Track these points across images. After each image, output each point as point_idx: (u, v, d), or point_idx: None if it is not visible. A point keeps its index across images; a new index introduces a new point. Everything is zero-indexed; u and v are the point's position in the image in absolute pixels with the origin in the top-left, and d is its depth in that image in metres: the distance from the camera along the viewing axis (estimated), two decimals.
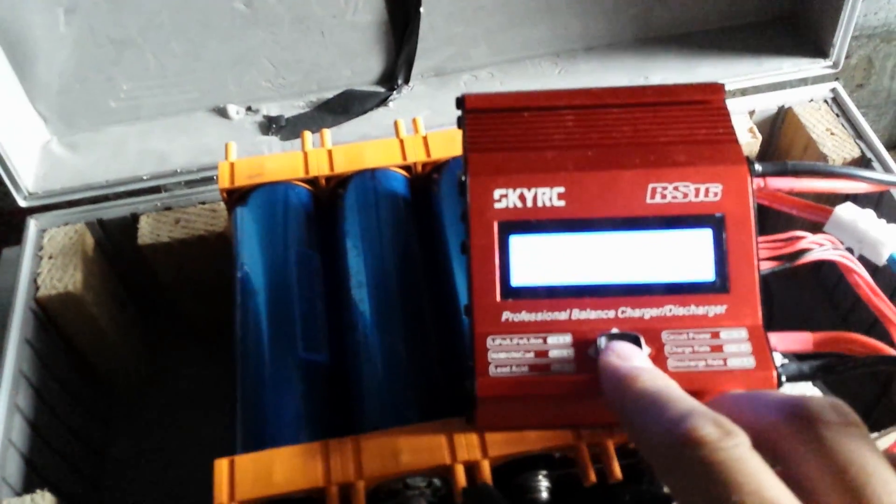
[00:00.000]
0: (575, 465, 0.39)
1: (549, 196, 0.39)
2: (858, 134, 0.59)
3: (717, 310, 0.38)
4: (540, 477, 0.40)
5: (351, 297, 0.46)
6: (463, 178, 0.39)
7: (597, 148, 0.40)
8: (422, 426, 0.40)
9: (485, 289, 0.38)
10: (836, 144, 0.59)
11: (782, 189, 0.43)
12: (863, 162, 0.58)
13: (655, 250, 0.39)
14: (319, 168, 0.51)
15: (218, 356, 0.50)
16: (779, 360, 0.41)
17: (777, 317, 0.49)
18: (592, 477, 0.38)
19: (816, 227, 0.45)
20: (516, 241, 0.39)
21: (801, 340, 0.39)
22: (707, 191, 0.39)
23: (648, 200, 0.39)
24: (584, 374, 0.37)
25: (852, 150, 0.58)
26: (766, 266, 0.43)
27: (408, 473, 0.38)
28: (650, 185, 0.39)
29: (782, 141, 0.64)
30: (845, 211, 0.45)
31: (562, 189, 0.39)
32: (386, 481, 0.38)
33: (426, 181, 0.53)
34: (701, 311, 0.38)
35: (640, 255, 0.39)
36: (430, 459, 0.38)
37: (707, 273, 0.38)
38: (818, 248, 0.43)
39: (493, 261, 0.38)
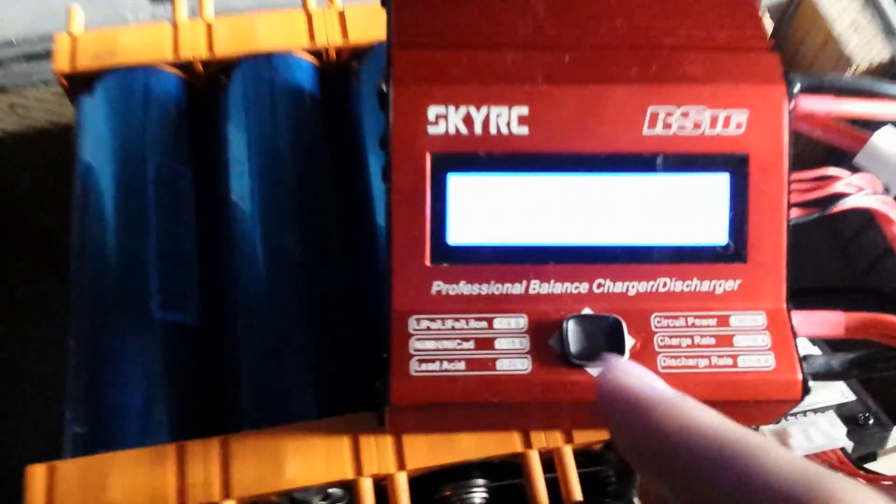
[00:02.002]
0: (520, 475, 0.30)
1: (506, 119, 0.28)
2: (891, 30, 0.48)
3: (729, 285, 0.28)
4: (474, 490, 0.31)
5: (232, 234, 0.35)
6: (384, 88, 0.28)
7: (576, 50, 0.29)
8: (319, 424, 0.30)
9: (408, 248, 0.28)
10: (862, 43, 0.48)
11: (817, 112, 0.32)
12: (892, 69, 0.48)
13: (649, 201, 0.28)
14: (194, 48, 0.39)
15: None
16: (803, 349, 0.33)
17: None
18: (543, 496, 0.29)
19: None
20: (457, 182, 0.28)
21: (830, 323, 0.30)
22: (727, 120, 0.28)
23: (646, 131, 0.28)
24: (542, 373, 0.27)
25: (881, 52, 0.48)
26: (792, 214, 0.33)
27: (294, 491, 0.29)
28: (649, 109, 0.28)
29: (793, 35, 0.53)
30: (885, 138, 0.35)
31: (525, 109, 0.28)
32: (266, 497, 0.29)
33: (342, 73, 0.41)
34: (706, 286, 0.28)
35: (628, 208, 0.28)
36: (326, 472, 0.29)
37: (718, 235, 0.28)
38: (856, 192, 0.34)
39: (422, 208, 0.28)
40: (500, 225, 0.28)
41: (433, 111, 0.28)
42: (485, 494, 0.31)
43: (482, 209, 0.28)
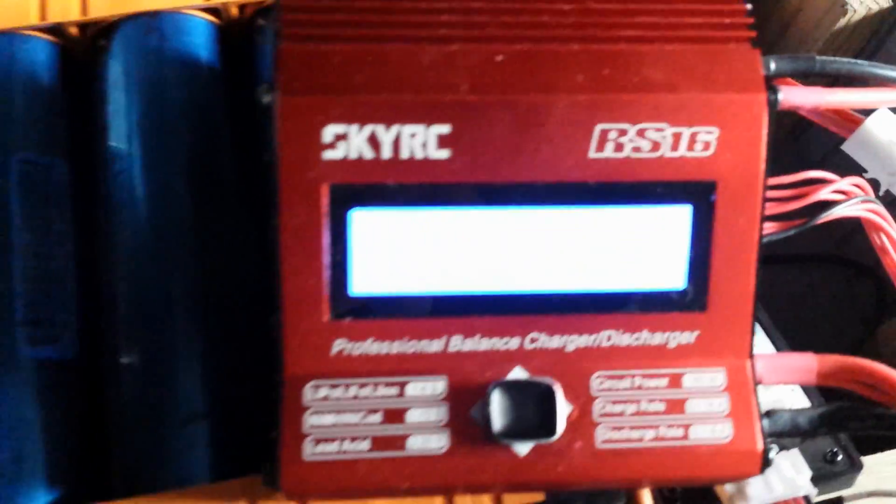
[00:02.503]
0: None
1: (422, 140, 0.22)
2: None
3: (685, 338, 0.24)
4: None
5: (114, 244, 0.30)
6: (266, 98, 0.22)
7: (512, 44, 0.23)
8: (210, 489, 0.26)
9: (303, 300, 0.23)
10: None
11: (804, 106, 0.27)
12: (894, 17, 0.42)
13: (595, 239, 0.24)
14: (65, 9, 0.32)
15: None
16: (765, 402, 0.29)
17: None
18: None
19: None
20: (361, 220, 0.23)
21: (800, 370, 0.26)
22: (693, 139, 0.23)
23: (593, 154, 0.23)
24: (460, 453, 0.23)
25: None
26: (770, 229, 0.29)
27: None
28: (598, 128, 0.23)
29: None
30: (879, 123, 0.31)
31: (445, 128, 0.22)
32: None
33: (246, 32, 0.34)
34: (658, 339, 0.24)
35: (569, 248, 0.24)
36: None
37: (675, 278, 0.24)
38: (843, 199, 0.29)
39: (319, 252, 0.23)
40: (414, 271, 0.23)
41: (330, 131, 0.22)
42: None
43: (393, 252, 0.23)
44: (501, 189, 0.23)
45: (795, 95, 0.26)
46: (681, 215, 0.24)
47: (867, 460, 0.31)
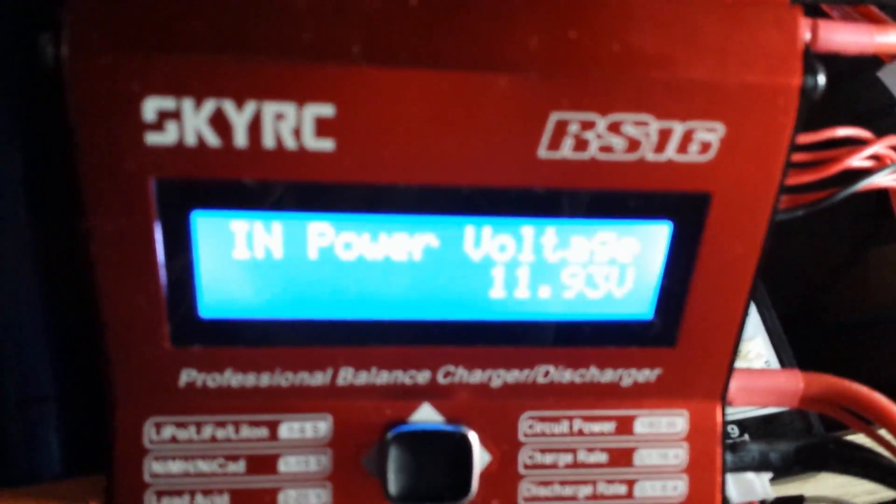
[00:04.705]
0: None
1: (292, 124, 0.15)
2: None
3: (643, 376, 0.19)
4: None
5: None
6: (49, 53, 0.15)
7: None
8: (56, 488, 0.22)
9: (131, 325, 0.17)
10: None
11: (846, 49, 0.20)
12: None
13: (536, 257, 0.17)
14: None
15: None
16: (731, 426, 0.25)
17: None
18: None
19: None
20: (210, 226, 0.16)
21: (781, 392, 0.21)
22: (687, 139, 0.16)
23: (544, 153, 0.16)
24: None
25: None
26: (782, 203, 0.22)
27: None
28: (552, 117, 0.16)
29: None
30: None
31: (329, 109, 0.15)
32: None
33: None
34: (608, 376, 0.19)
35: (501, 266, 0.17)
36: None
37: (639, 306, 0.18)
38: (874, 168, 0.23)
39: (148, 266, 0.17)
40: (287, 287, 0.17)
41: (152, 106, 0.15)
42: None
43: (257, 263, 0.17)
44: (409, 194, 0.16)
45: (836, 36, 0.18)
46: (656, 234, 0.17)
47: None
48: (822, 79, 0.16)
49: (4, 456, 0.23)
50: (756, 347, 0.27)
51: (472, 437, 0.18)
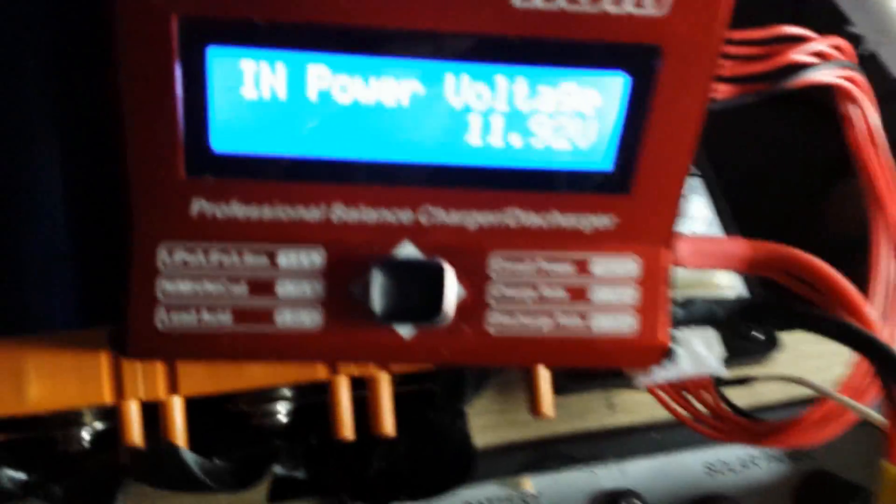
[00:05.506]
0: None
1: None
2: None
3: (602, 222, 0.22)
4: (278, 399, 0.26)
5: None
6: None
7: None
8: (71, 336, 0.24)
9: (154, 153, 0.19)
10: None
11: None
12: None
13: (508, 105, 0.20)
14: None
15: None
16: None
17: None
18: (348, 431, 0.25)
19: None
20: (223, 63, 0.19)
21: (727, 256, 0.24)
22: None
23: (518, 3, 0.18)
24: (336, 331, 0.21)
25: None
26: (727, 92, 0.25)
27: (39, 415, 0.24)
28: None
29: None
30: None
31: None
32: None
33: None
34: (569, 221, 0.21)
35: (477, 113, 0.20)
36: (78, 395, 0.24)
37: (599, 156, 0.21)
38: (816, 63, 0.25)
39: (169, 98, 0.19)
40: (289, 128, 0.20)
41: None
42: (290, 405, 0.27)
43: (264, 103, 0.19)
44: (400, 37, 0.19)
45: None
46: (612, 86, 0.20)
47: (787, 337, 0.31)
48: None
49: (24, 309, 0.25)
50: (699, 209, 0.30)
51: (447, 268, 0.21)
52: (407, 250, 0.21)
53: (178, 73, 0.19)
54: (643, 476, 0.31)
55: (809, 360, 0.30)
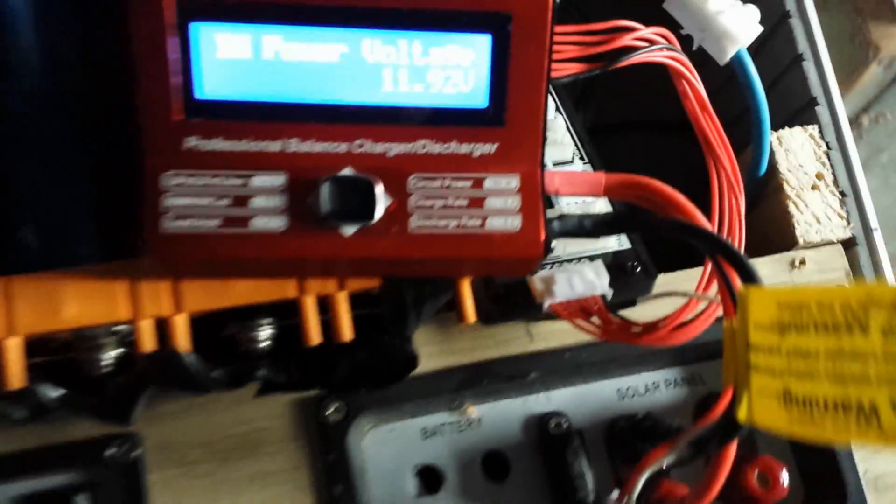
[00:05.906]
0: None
1: None
2: None
3: (486, 149, 0.29)
4: (260, 328, 0.33)
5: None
6: None
7: None
8: (98, 268, 0.31)
9: (157, 101, 0.28)
10: None
11: None
12: None
13: (411, 61, 0.28)
14: None
15: None
16: (557, 210, 0.35)
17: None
18: (316, 337, 0.32)
19: None
20: (204, 33, 0.27)
21: (590, 183, 0.32)
22: None
23: None
24: (295, 232, 0.28)
25: None
26: (574, 69, 0.34)
27: (75, 330, 0.31)
28: None
29: None
30: None
31: None
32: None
33: None
34: (464, 149, 0.29)
35: (390, 67, 0.28)
36: (104, 313, 0.31)
37: (478, 97, 0.29)
38: (647, 47, 0.34)
39: (164, 60, 0.27)
40: (256, 79, 0.28)
41: None
42: (272, 331, 0.34)
43: (236, 62, 0.28)
44: (329, 11, 0.27)
45: None
46: (482, 43, 0.28)
47: (664, 277, 0.38)
48: None
49: (46, 246, 0.32)
50: (564, 136, 0.38)
51: (377, 182, 0.29)
52: (347, 171, 0.29)
53: (172, 40, 0.27)
54: (566, 401, 0.38)
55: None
